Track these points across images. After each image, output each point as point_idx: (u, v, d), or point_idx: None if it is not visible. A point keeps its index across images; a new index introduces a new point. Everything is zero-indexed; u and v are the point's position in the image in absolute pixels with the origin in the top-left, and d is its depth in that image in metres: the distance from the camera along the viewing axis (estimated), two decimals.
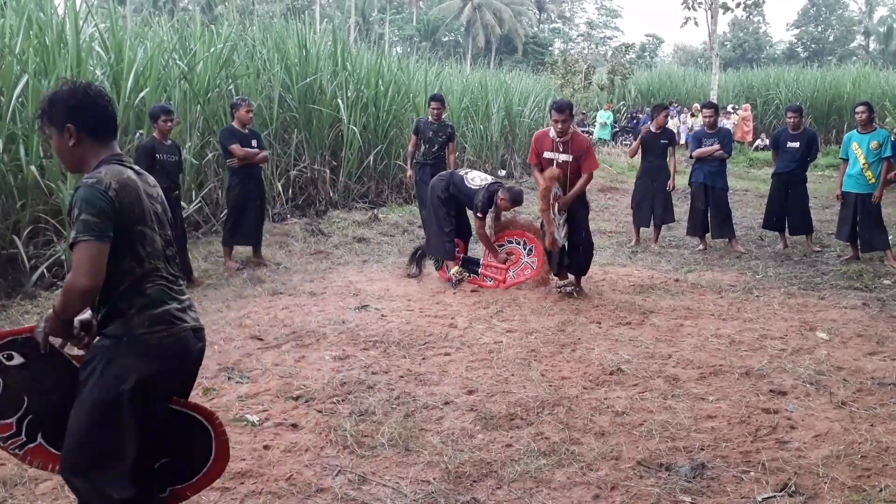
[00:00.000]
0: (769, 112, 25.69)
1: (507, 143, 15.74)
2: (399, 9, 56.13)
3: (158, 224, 2.31)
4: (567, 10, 66.06)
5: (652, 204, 8.64)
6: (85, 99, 2.25)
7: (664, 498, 2.93)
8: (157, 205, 2.33)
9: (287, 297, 6.21)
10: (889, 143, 7.46)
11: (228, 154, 7.14)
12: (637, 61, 41.18)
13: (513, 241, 6.61)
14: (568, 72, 19.92)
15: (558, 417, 3.70)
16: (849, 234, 7.70)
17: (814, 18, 59.55)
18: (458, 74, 17.10)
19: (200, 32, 9.64)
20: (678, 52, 62.30)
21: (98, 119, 2.27)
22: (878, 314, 5.64)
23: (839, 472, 3.09)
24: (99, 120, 2.27)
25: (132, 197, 2.20)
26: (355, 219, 9.84)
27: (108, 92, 2.37)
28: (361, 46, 14.40)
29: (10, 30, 6.89)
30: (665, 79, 29.26)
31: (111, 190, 2.14)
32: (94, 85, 2.35)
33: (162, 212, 2.36)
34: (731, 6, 23.29)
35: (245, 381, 4.20)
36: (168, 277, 2.30)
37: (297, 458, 3.27)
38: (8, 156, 6.35)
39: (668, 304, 5.91)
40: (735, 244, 8.45)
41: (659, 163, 8.67)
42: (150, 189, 2.33)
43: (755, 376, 4.26)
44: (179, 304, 2.31)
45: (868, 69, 28.31)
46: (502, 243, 6.62)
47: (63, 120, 2.24)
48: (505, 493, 2.99)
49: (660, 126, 8.60)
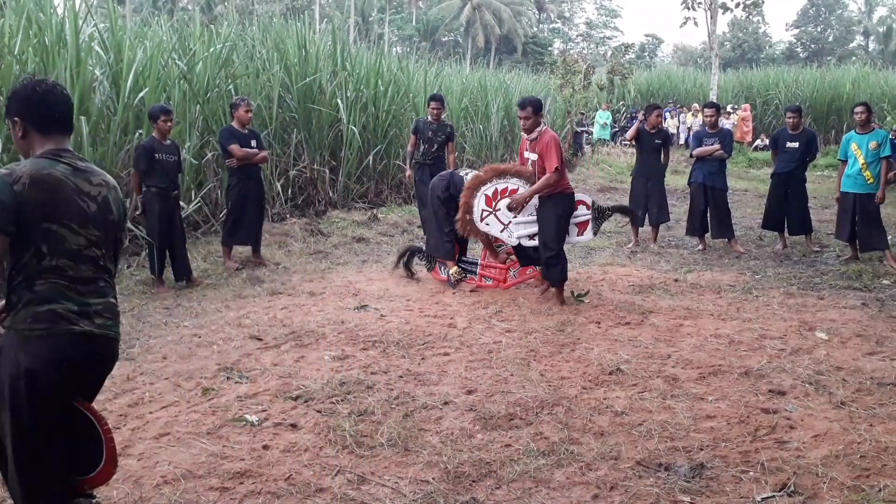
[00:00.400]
0: (768, 112, 25.71)
1: (506, 142, 15.75)
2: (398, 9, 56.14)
3: (82, 223, 2.27)
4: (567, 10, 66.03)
5: (647, 203, 8.65)
6: (33, 95, 2.32)
7: (663, 498, 2.93)
8: (91, 204, 2.31)
9: (286, 297, 6.21)
10: (888, 143, 7.47)
11: (228, 154, 7.14)
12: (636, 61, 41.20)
13: None
14: (567, 72, 19.91)
15: (557, 417, 3.70)
16: (848, 234, 7.70)
17: (813, 18, 59.58)
18: (457, 74, 17.10)
19: (200, 32, 9.63)
20: (678, 52, 62.32)
21: (43, 114, 2.31)
22: (878, 314, 5.64)
23: (838, 471, 3.09)
24: (44, 115, 2.32)
25: (45, 193, 2.20)
26: (355, 219, 9.84)
27: (63, 89, 2.41)
28: (361, 46, 14.41)
29: (10, 30, 6.89)
30: (664, 79, 29.28)
31: (19, 184, 2.17)
32: (48, 82, 2.38)
33: (97, 211, 2.32)
34: (730, 6, 23.31)
35: (244, 381, 4.20)
36: (73, 277, 2.26)
37: (297, 457, 3.27)
38: (7, 155, 6.34)
39: (668, 304, 5.91)
40: (734, 244, 8.45)
41: (653, 162, 8.69)
42: (88, 187, 2.31)
43: (754, 376, 4.26)
44: (78, 306, 2.26)
45: (867, 69, 28.34)
46: (502, 244, 6.62)
47: (14, 113, 2.33)
48: (504, 492, 2.99)
49: (653, 126, 8.62)
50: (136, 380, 4.23)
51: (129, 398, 3.94)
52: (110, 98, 7.65)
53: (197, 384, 4.16)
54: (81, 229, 2.28)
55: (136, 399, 3.93)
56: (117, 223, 2.42)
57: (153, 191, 6.34)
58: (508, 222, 6.20)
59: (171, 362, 4.54)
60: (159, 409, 3.81)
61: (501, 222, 6.22)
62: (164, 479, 3.04)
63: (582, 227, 6.18)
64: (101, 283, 2.35)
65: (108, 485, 2.99)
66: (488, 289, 6.48)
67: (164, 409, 3.81)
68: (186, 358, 4.62)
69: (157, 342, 4.96)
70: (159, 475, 3.07)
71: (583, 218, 6.18)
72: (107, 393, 3.98)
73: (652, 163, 8.69)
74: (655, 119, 8.62)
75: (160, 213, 6.35)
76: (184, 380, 4.23)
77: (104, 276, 2.37)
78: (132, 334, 5.14)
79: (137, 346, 4.86)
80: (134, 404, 3.86)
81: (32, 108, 2.32)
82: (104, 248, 2.36)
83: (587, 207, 6.19)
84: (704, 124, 8.69)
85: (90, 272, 2.31)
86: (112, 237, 2.40)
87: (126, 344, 4.92)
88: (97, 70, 7.72)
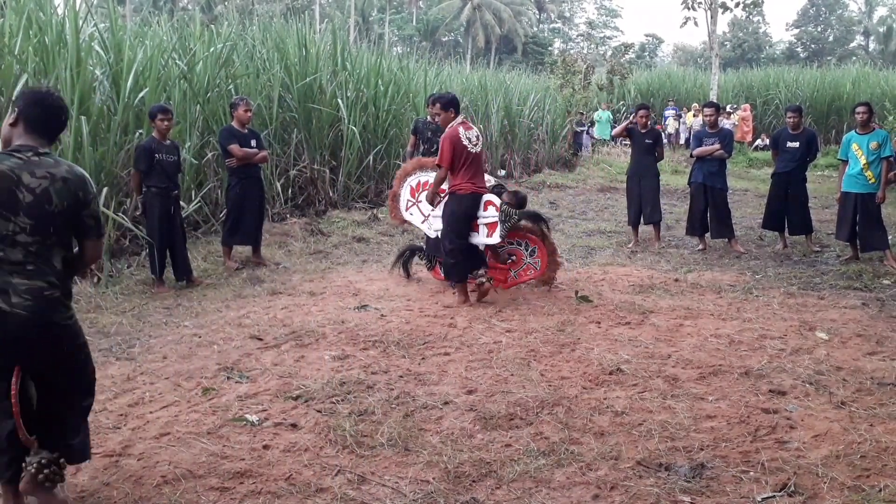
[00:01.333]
0: (769, 112, 25.72)
1: (506, 142, 15.75)
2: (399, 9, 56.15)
3: (11, 211, 2.51)
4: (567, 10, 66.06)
5: (640, 203, 8.66)
6: (44, 102, 2.69)
7: (663, 498, 2.93)
8: (27, 195, 2.53)
9: (286, 296, 6.22)
10: (888, 143, 7.47)
11: (228, 154, 7.14)
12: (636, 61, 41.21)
13: (514, 243, 6.59)
14: (567, 72, 19.92)
15: (558, 417, 3.70)
16: (848, 233, 7.70)
17: (813, 18, 59.59)
18: (457, 74, 17.10)
19: (200, 32, 9.64)
20: (678, 52, 62.33)
21: (39, 119, 2.66)
22: (878, 314, 5.64)
23: (838, 471, 3.09)
24: (40, 120, 2.66)
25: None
26: (355, 218, 9.84)
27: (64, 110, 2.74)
28: (361, 46, 14.41)
29: (10, 29, 6.89)
30: (665, 79, 29.28)
31: None
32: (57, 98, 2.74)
33: (32, 202, 2.53)
34: (730, 6, 23.31)
35: (244, 381, 4.20)
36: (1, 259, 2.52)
37: (297, 457, 3.27)
38: None
39: (668, 304, 5.91)
40: (734, 244, 8.45)
41: (645, 162, 8.71)
42: (28, 179, 2.54)
43: (755, 376, 4.26)
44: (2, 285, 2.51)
45: (868, 69, 28.35)
46: (502, 245, 6.61)
47: (20, 105, 2.69)
48: (504, 492, 2.98)
49: (642, 126, 8.64)
50: (136, 379, 4.24)
51: (130, 398, 3.94)
52: (110, 98, 7.65)
53: (197, 384, 4.16)
54: (14, 217, 2.51)
55: (137, 399, 3.93)
56: (60, 213, 2.58)
57: (153, 191, 6.34)
58: (428, 215, 6.33)
59: (171, 362, 4.54)
60: (159, 408, 3.81)
61: (423, 214, 6.42)
62: (164, 479, 3.04)
63: (492, 229, 6.14)
64: (30, 266, 2.55)
65: (109, 485, 2.99)
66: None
67: (165, 408, 3.81)
68: (187, 358, 4.62)
69: (157, 342, 4.97)
70: (159, 475, 3.07)
71: (492, 219, 6.12)
72: (107, 393, 3.99)
73: (644, 162, 8.72)
74: (640, 119, 8.65)
75: (160, 213, 6.35)
76: (184, 379, 4.23)
77: (35, 262, 2.56)
78: (132, 334, 5.15)
79: (138, 346, 4.86)
80: (134, 404, 3.86)
81: (35, 110, 2.66)
82: (37, 235, 2.56)
83: (496, 209, 6.17)
84: (704, 124, 8.69)
85: (19, 256, 2.53)
86: (49, 225, 2.57)
87: (126, 344, 4.93)
88: (97, 70, 7.72)
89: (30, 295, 2.53)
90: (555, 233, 9.51)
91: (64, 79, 6.85)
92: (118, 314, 5.59)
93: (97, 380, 2.95)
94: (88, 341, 2.89)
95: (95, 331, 5.17)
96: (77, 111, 6.63)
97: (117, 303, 5.91)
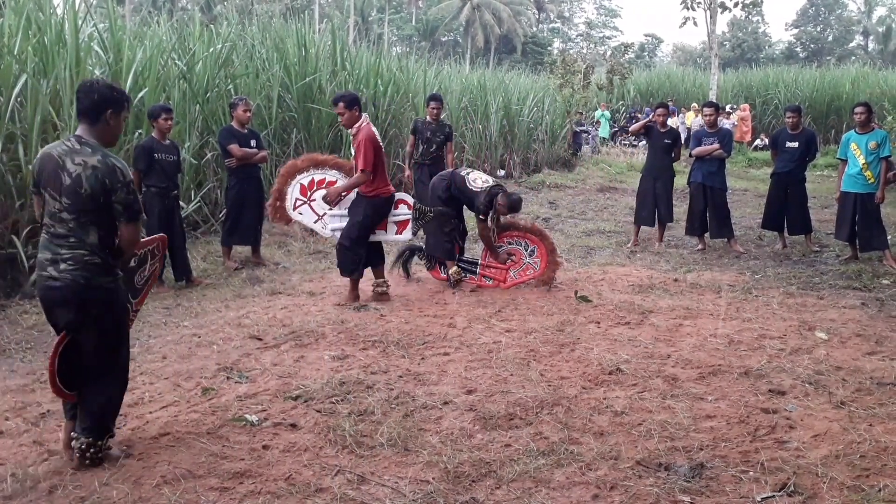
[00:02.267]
0: (768, 112, 25.71)
1: (506, 142, 15.74)
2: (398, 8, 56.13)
3: (58, 192, 2.95)
4: (566, 9, 66.05)
5: (655, 203, 8.63)
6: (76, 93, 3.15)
7: (663, 498, 2.93)
8: (66, 178, 2.93)
9: (286, 296, 6.21)
10: (887, 143, 7.47)
11: (227, 154, 7.14)
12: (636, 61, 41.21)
13: (513, 242, 6.60)
14: (567, 72, 19.90)
15: (557, 417, 3.70)
16: (848, 233, 7.70)
17: (813, 18, 59.60)
18: (456, 74, 17.09)
19: (199, 32, 9.63)
20: (677, 51, 62.31)
21: (77, 108, 3.11)
22: (877, 314, 5.65)
23: (838, 471, 3.09)
24: (77, 108, 3.11)
25: (40, 166, 3.02)
26: None
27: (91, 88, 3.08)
28: (360, 46, 14.40)
29: (9, 29, 6.88)
30: (664, 79, 29.28)
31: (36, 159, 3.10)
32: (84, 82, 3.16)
33: (70, 184, 2.93)
34: (729, 6, 23.27)
35: (244, 381, 4.20)
36: (52, 233, 2.99)
37: (296, 457, 3.27)
38: (7, 155, 6.34)
39: (667, 304, 5.91)
40: (734, 244, 8.45)
41: (661, 162, 8.66)
42: (70, 165, 2.94)
43: (754, 376, 4.26)
44: (50, 254, 2.98)
45: (867, 69, 28.34)
46: (501, 244, 6.62)
47: None
48: (504, 492, 2.98)
49: (661, 125, 8.62)
50: (135, 379, 4.23)
51: (129, 398, 3.93)
52: None
53: (197, 384, 4.16)
54: (59, 197, 2.95)
55: (136, 399, 3.92)
56: (90, 196, 2.92)
57: (153, 190, 6.34)
58: (323, 213, 6.15)
59: (170, 362, 4.54)
60: (159, 408, 3.81)
61: (316, 213, 6.18)
62: (164, 479, 3.04)
63: (401, 227, 6.14)
64: (72, 239, 2.97)
65: (108, 485, 2.99)
66: (488, 288, 6.48)
67: (164, 408, 3.81)
68: (186, 358, 4.62)
69: (156, 342, 4.96)
70: (159, 475, 3.07)
71: (403, 217, 6.12)
72: None
73: (662, 163, 8.65)
74: (659, 117, 8.62)
75: (160, 213, 6.35)
76: (183, 380, 4.23)
77: (76, 235, 2.97)
78: (131, 334, 5.13)
79: (137, 346, 4.85)
80: (134, 404, 3.85)
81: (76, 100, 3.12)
82: (74, 213, 2.95)
83: (408, 207, 6.15)
84: (704, 124, 8.69)
85: (63, 230, 2.97)
86: (82, 206, 2.94)
87: None
88: (97, 70, 7.71)
89: (73, 262, 2.95)
90: (554, 233, 9.52)
91: (63, 79, 6.85)
92: None
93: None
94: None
95: None
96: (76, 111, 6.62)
97: None
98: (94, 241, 2.98)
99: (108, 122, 3.05)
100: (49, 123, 6.75)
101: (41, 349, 4.81)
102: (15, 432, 3.52)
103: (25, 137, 6.47)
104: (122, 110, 3.10)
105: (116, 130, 3.12)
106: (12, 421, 3.65)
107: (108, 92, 3.06)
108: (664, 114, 8.68)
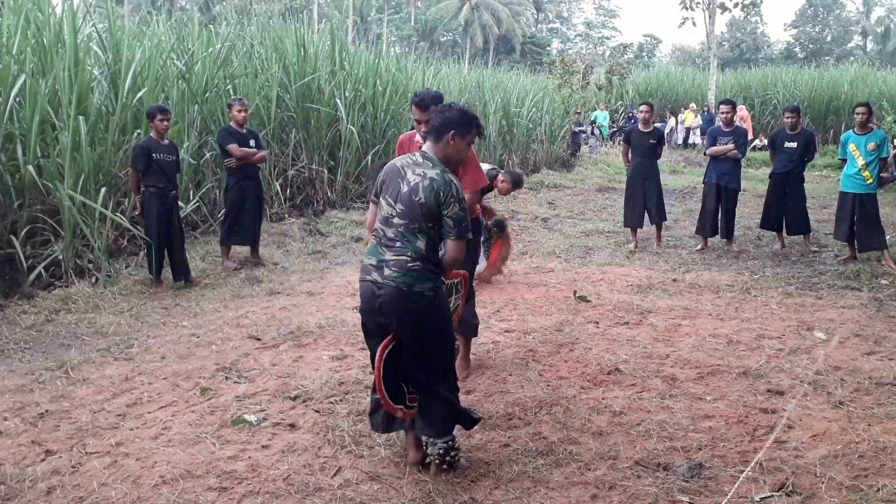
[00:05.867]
0: (767, 112, 25.73)
1: (504, 142, 15.74)
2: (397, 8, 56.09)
3: (394, 198, 3.03)
4: (565, 10, 66.02)
5: (645, 204, 8.63)
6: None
7: (662, 497, 2.93)
8: (405, 186, 3.01)
9: (285, 296, 6.21)
10: (886, 144, 7.47)
11: (226, 154, 7.14)
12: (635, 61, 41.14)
13: None
14: (566, 72, 19.93)
15: (556, 417, 3.70)
16: (846, 233, 7.70)
17: (811, 19, 59.62)
18: (455, 74, 17.09)
19: (198, 32, 9.62)
20: (676, 52, 62.34)
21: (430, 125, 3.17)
22: (876, 314, 5.65)
23: (837, 471, 3.10)
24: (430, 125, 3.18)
25: (384, 175, 3.13)
26: (353, 218, 9.83)
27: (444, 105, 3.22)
28: (359, 46, 14.40)
29: (8, 29, 6.88)
30: (663, 79, 29.28)
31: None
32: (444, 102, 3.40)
33: (406, 192, 3.00)
34: (728, 6, 23.35)
35: (243, 381, 4.20)
36: (380, 240, 3.05)
37: (295, 457, 3.27)
38: (5, 155, 6.34)
39: (666, 304, 5.91)
40: (731, 244, 8.45)
41: (648, 162, 8.66)
42: (410, 175, 3.03)
43: (753, 376, 4.27)
44: (376, 259, 3.02)
45: (866, 69, 28.34)
46: None
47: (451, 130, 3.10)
48: (503, 492, 2.98)
49: (644, 122, 8.66)
50: (134, 380, 4.23)
51: (128, 398, 3.94)
52: (108, 98, 7.64)
53: (195, 384, 4.16)
54: (393, 203, 3.03)
55: (135, 399, 3.92)
56: (422, 205, 2.96)
57: (151, 190, 6.33)
58: None
59: (169, 362, 4.54)
60: (158, 408, 3.81)
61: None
62: (163, 479, 3.04)
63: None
64: (398, 244, 3.00)
65: (107, 485, 2.99)
66: (487, 288, 6.47)
67: (163, 408, 3.81)
68: (185, 358, 4.62)
69: (155, 342, 4.96)
70: (158, 475, 3.07)
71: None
72: (105, 392, 3.99)
73: (647, 163, 8.66)
74: (643, 113, 8.67)
75: (158, 213, 6.34)
76: (182, 380, 4.22)
77: (402, 241, 3.00)
78: (130, 334, 5.14)
79: (136, 346, 4.85)
80: (132, 404, 3.85)
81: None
82: (405, 219, 3.00)
83: None
84: (720, 122, 8.63)
85: (392, 234, 3.02)
86: (414, 213, 2.98)
87: (124, 344, 4.92)
88: (95, 70, 7.71)
89: (397, 267, 2.97)
90: (553, 233, 9.54)
91: (62, 79, 6.84)
92: (116, 314, 5.58)
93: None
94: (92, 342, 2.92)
95: (93, 331, 5.16)
96: (75, 111, 6.62)
97: (115, 303, 5.90)
98: (420, 247, 2.99)
99: (448, 143, 3.06)
100: (48, 123, 6.75)
101: (39, 349, 4.80)
102: (13, 432, 3.52)
103: (24, 137, 6.46)
104: (466, 134, 3.08)
105: (456, 154, 3.10)
106: (11, 421, 3.65)
107: (455, 116, 3.08)
108: (648, 110, 8.70)
